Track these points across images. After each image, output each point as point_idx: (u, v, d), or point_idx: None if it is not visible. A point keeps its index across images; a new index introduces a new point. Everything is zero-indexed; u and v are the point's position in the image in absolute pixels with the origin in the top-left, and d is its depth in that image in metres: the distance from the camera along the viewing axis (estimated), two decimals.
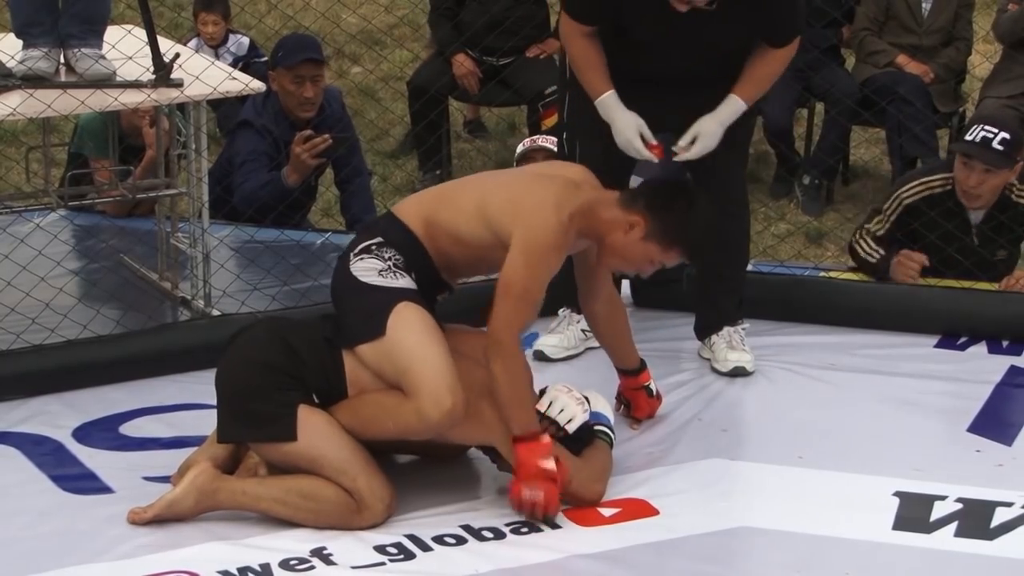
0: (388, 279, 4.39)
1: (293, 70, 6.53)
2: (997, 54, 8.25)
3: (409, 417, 4.29)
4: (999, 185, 5.86)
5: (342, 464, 4.30)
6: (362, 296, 4.39)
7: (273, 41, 8.06)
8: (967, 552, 4.26)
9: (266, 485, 4.38)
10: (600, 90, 4.98)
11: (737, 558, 4.31)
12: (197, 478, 4.34)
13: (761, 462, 4.74)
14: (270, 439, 4.33)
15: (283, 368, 4.35)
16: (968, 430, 4.96)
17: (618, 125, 4.95)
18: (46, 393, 5.10)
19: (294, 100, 6.56)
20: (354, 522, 4.32)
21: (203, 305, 5.65)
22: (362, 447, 4.35)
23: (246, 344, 4.46)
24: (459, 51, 8.17)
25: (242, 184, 6.50)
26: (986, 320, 5.66)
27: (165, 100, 5.40)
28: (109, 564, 4.16)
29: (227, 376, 4.43)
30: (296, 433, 4.29)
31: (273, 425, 4.31)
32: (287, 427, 4.29)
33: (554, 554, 4.25)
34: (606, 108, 4.97)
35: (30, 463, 4.71)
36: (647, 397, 4.94)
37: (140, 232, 6.34)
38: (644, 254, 4.46)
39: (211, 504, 4.34)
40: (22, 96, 5.20)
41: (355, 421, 4.35)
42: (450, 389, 4.26)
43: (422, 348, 4.30)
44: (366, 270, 4.41)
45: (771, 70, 5.01)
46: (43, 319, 5.37)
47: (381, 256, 4.42)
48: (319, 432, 4.31)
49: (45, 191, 5.65)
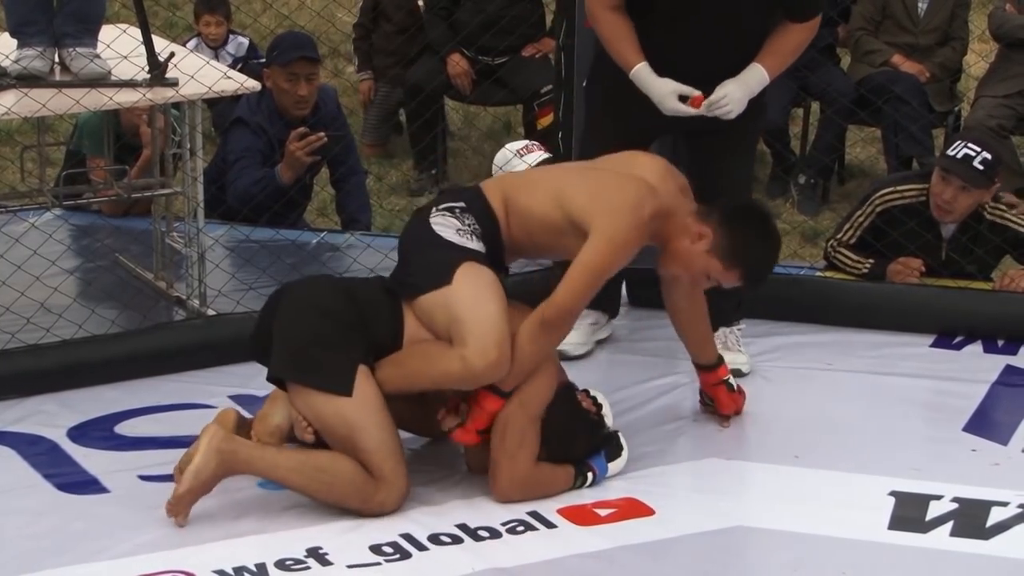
0: (464, 239, 4.45)
1: (288, 68, 6.51)
2: (993, 53, 8.26)
3: (453, 364, 4.31)
4: (972, 204, 5.90)
5: (380, 442, 4.30)
6: (436, 249, 4.45)
7: (268, 40, 8.06)
8: (963, 552, 4.26)
9: (285, 454, 4.36)
10: (633, 62, 4.91)
11: (733, 558, 4.30)
12: (213, 440, 4.30)
13: (757, 461, 4.74)
14: (327, 389, 4.30)
15: (347, 320, 4.36)
16: (964, 429, 4.96)
17: (656, 93, 4.90)
18: (41, 393, 5.09)
19: (289, 98, 6.54)
20: (367, 503, 4.33)
21: (198, 305, 5.64)
22: (397, 432, 4.36)
23: (308, 291, 4.46)
24: (454, 50, 8.18)
25: (235, 181, 6.49)
26: (982, 319, 5.66)
27: (160, 99, 5.39)
28: (105, 564, 4.16)
29: (288, 319, 4.39)
30: (353, 391, 4.28)
31: (333, 376, 4.30)
32: (346, 382, 4.28)
33: (550, 553, 4.25)
34: (641, 79, 4.90)
35: (25, 463, 4.71)
36: (728, 392, 4.95)
37: (136, 232, 6.34)
38: (704, 267, 4.52)
39: (232, 465, 4.30)
40: (17, 95, 5.20)
41: (397, 373, 4.37)
42: (497, 343, 4.30)
43: (480, 301, 4.35)
44: (445, 226, 4.47)
45: (792, 43, 4.94)
46: (38, 319, 5.37)
47: (462, 220, 4.49)
48: (370, 401, 4.31)
49: (40, 190, 5.65)
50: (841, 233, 6.08)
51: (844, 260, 6.02)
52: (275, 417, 4.45)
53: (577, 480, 4.54)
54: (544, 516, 4.40)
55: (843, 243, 6.05)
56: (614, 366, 5.36)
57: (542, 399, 4.44)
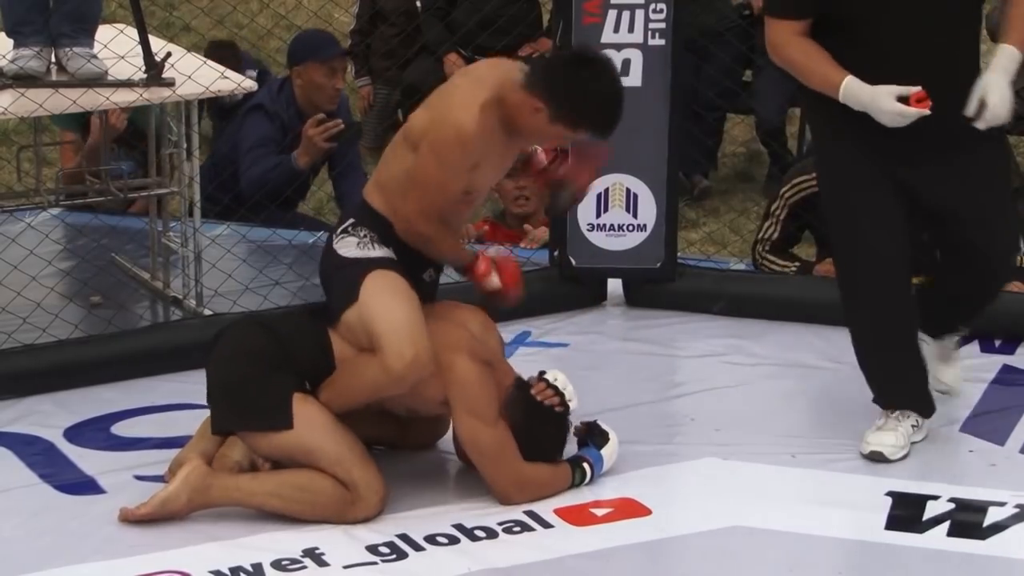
0: (366, 251, 4.46)
1: (328, 63, 6.67)
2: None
3: (378, 374, 4.33)
4: None
5: (338, 454, 4.30)
6: (342, 270, 4.48)
7: (265, 40, 8.06)
8: (960, 552, 4.26)
9: (259, 480, 4.37)
10: (838, 79, 4.34)
11: (730, 558, 4.30)
12: (189, 476, 4.33)
13: (754, 461, 4.73)
14: (267, 428, 4.33)
15: (273, 355, 4.38)
16: (961, 430, 4.96)
17: (873, 106, 4.31)
18: (38, 393, 5.08)
19: (324, 93, 6.68)
20: (348, 514, 4.32)
21: (195, 305, 5.64)
22: (356, 438, 4.36)
23: (232, 337, 4.48)
24: (451, 50, 8.18)
25: (249, 168, 6.56)
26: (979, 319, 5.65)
27: (156, 99, 5.39)
28: (101, 564, 4.16)
29: (218, 369, 4.44)
30: (293, 422, 4.29)
31: (269, 414, 4.32)
32: (284, 416, 4.30)
33: (546, 554, 4.25)
34: (853, 93, 4.32)
35: (21, 463, 4.70)
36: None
37: (132, 231, 6.33)
38: (557, 136, 4.42)
39: (204, 501, 4.34)
40: (13, 95, 5.20)
41: (333, 393, 4.39)
42: (411, 340, 4.30)
43: (387, 306, 4.36)
44: (346, 246, 4.49)
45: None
46: (34, 318, 5.36)
47: (357, 234, 4.49)
48: (315, 421, 4.33)
49: (36, 190, 5.64)
50: (763, 232, 6.02)
51: (772, 266, 5.97)
52: (234, 455, 4.44)
53: (576, 475, 4.51)
54: (540, 516, 4.39)
55: (770, 244, 5.96)
56: (611, 365, 5.35)
57: (488, 401, 4.39)
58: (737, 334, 5.57)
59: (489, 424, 4.38)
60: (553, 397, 4.47)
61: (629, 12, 5.59)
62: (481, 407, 4.37)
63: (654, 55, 5.60)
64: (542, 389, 4.49)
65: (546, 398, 4.47)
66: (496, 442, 4.39)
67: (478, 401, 4.37)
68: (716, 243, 6.78)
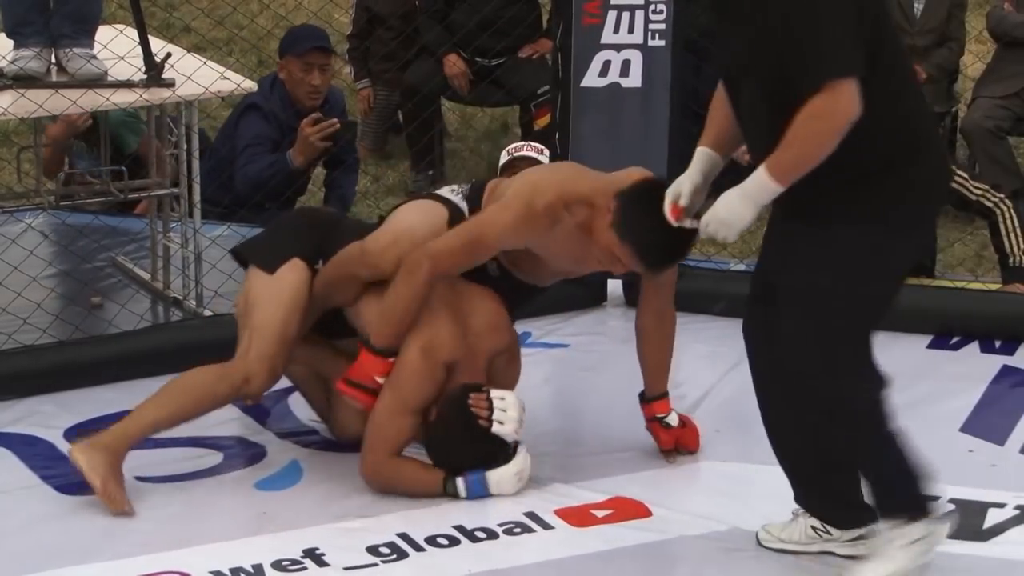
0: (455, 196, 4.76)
1: (302, 57, 6.68)
2: (990, 54, 8.26)
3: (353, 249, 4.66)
4: None
5: (264, 321, 4.56)
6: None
7: (265, 41, 8.06)
8: (960, 553, 4.25)
9: (139, 408, 4.52)
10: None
11: (729, 559, 4.30)
12: (91, 460, 4.40)
13: (754, 463, 4.73)
14: (256, 263, 4.65)
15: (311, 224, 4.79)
16: (961, 430, 4.96)
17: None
18: (38, 394, 5.10)
19: (302, 88, 6.69)
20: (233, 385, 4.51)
21: (195, 305, 5.65)
22: (297, 328, 4.58)
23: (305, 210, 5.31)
24: (451, 51, 8.18)
25: (245, 166, 6.57)
26: (979, 320, 5.66)
27: (156, 100, 5.40)
28: (101, 564, 4.16)
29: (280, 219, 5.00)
30: (275, 271, 4.59)
31: (267, 255, 4.65)
32: (272, 262, 4.61)
33: (547, 555, 4.25)
34: None
35: (22, 464, 4.71)
36: (663, 429, 4.75)
37: (132, 232, 6.34)
38: (607, 241, 4.30)
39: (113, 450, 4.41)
40: (13, 96, 5.21)
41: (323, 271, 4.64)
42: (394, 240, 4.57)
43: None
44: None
45: (803, 130, 3.66)
46: (35, 319, 5.37)
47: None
48: (285, 287, 4.58)
49: (37, 191, 5.65)
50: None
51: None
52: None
53: (447, 487, 4.46)
54: (541, 517, 4.40)
55: None
56: (611, 366, 5.35)
57: (412, 392, 4.44)
58: (737, 335, 5.55)
59: (397, 408, 4.45)
60: (483, 411, 4.43)
61: (629, 13, 5.61)
62: (403, 392, 4.45)
63: (654, 55, 5.61)
64: (478, 400, 4.45)
65: (477, 409, 4.43)
66: (387, 423, 4.46)
67: (403, 387, 4.44)
68: (716, 243, 6.77)
